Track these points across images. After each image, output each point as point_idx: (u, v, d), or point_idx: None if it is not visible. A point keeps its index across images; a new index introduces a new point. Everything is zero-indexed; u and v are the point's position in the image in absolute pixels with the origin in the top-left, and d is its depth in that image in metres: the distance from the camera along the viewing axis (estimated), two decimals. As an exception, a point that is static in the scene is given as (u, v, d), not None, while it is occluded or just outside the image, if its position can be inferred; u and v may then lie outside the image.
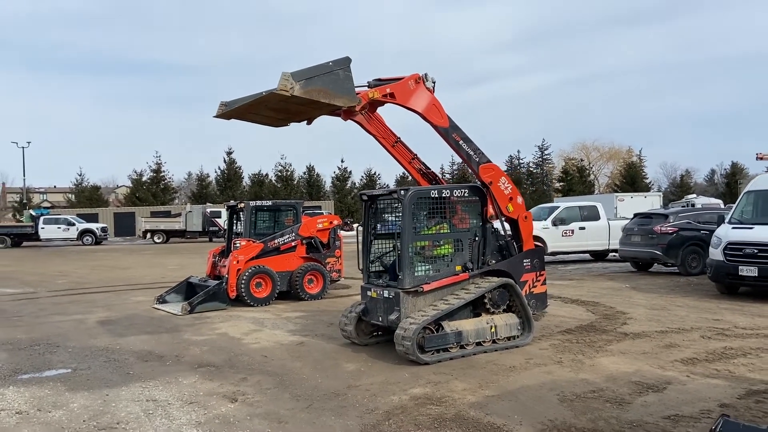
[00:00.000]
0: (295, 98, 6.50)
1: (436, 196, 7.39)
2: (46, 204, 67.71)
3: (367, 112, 7.68)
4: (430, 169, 8.53)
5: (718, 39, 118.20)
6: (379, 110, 7.95)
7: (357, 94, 7.08)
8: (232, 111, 7.28)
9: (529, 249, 8.20)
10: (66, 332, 9.27)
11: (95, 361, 7.41)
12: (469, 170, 8.12)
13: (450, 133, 7.74)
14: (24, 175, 55.54)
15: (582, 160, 68.12)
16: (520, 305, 7.59)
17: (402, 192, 7.20)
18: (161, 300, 11.86)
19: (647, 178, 65.30)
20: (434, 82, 7.66)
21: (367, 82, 7.60)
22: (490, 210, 7.93)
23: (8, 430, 5.04)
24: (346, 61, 6.85)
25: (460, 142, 7.80)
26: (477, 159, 7.86)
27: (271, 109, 7.22)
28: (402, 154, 8.22)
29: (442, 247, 7.54)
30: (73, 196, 60.66)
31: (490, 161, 7.95)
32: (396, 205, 7.55)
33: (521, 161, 69.94)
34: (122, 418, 5.27)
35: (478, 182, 7.92)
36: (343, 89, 6.80)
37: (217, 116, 7.45)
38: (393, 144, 8.10)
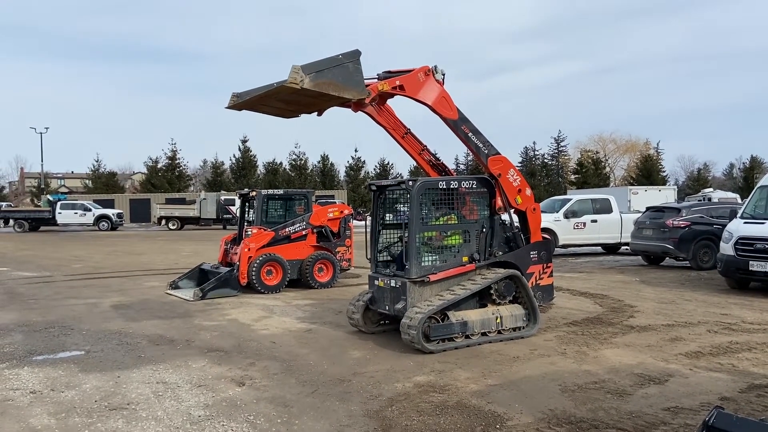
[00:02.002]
0: (305, 90, 6.58)
1: (445, 187, 7.45)
2: (63, 189, 68.61)
3: (377, 104, 7.73)
4: (439, 160, 8.58)
5: (740, 30, 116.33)
6: (389, 102, 7.99)
7: (366, 86, 7.13)
8: (243, 102, 7.38)
9: (537, 241, 8.23)
10: (80, 315, 9.48)
11: (108, 343, 7.58)
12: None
13: (459, 125, 7.78)
14: (42, 161, 56.23)
15: (598, 153, 67.54)
16: (526, 297, 7.64)
17: (410, 182, 7.26)
18: (174, 286, 12.06)
19: (664, 172, 64.63)
20: (444, 74, 7.68)
21: (377, 74, 7.64)
22: (499, 202, 7.97)
23: (22, 408, 5.21)
24: (355, 54, 6.91)
25: (469, 134, 7.83)
26: (486, 151, 7.89)
27: (282, 101, 7.31)
28: (412, 145, 8.26)
29: (450, 238, 7.60)
30: (90, 181, 61.35)
31: (499, 153, 7.98)
32: (405, 195, 7.62)
33: (537, 153, 69.57)
34: (133, 399, 5.42)
35: (487, 174, 7.96)
36: (352, 82, 6.86)
37: (228, 107, 7.55)
38: (403, 135, 8.14)
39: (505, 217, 8.03)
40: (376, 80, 7.51)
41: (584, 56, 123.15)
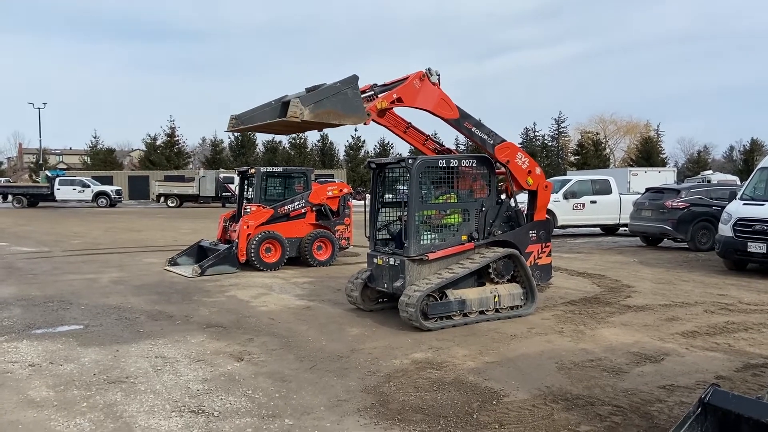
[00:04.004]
0: (305, 122, 6.59)
1: (444, 165, 7.42)
2: (61, 165, 68.39)
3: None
4: (444, 147, 8.57)
5: (741, 12, 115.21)
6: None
7: (365, 106, 7.07)
8: (244, 128, 7.44)
9: (537, 220, 8.23)
10: (79, 290, 9.49)
11: (107, 318, 7.60)
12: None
13: (461, 122, 7.73)
14: (40, 137, 55.83)
15: (598, 134, 67.32)
16: (525, 276, 7.65)
17: (410, 161, 7.23)
18: (173, 262, 12.06)
19: (664, 154, 64.52)
20: (438, 75, 7.57)
21: (372, 89, 7.54)
22: (509, 187, 7.99)
23: (21, 381, 5.24)
24: (353, 80, 6.90)
25: (473, 129, 7.79)
26: (491, 142, 7.85)
27: (283, 126, 7.32)
28: (414, 137, 8.21)
29: (449, 217, 7.59)
30: (89, 158, 61.09)
31: (504, 140, 7.93)
32: (404, 173, 7.59)
33: (537, 133, 69.31)
34: (131, 372, 5.44)
35: (494, 160, 7.91)
36: (351, 108, 6.86)
37: (228, 131, 7.57)
38: (404, 130, 8.08)
39: (504, 195, 8.02)
40: (372, 94, 7.45)
41: (586, 37, 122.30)
